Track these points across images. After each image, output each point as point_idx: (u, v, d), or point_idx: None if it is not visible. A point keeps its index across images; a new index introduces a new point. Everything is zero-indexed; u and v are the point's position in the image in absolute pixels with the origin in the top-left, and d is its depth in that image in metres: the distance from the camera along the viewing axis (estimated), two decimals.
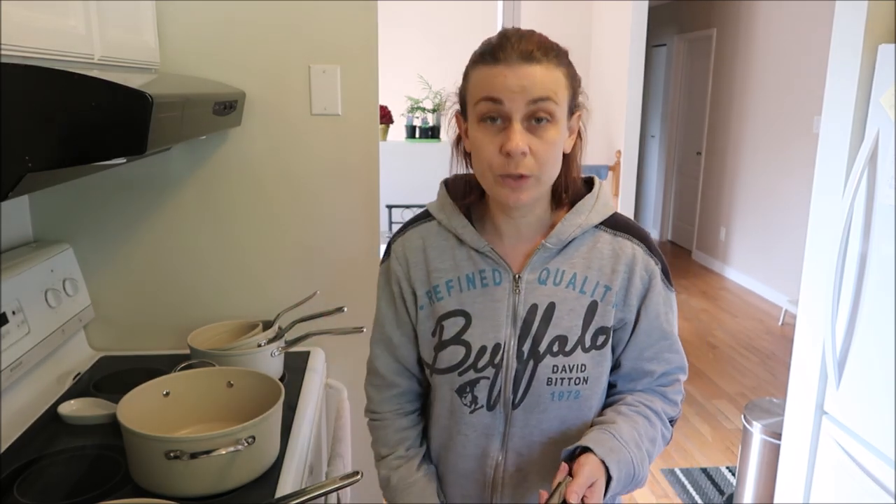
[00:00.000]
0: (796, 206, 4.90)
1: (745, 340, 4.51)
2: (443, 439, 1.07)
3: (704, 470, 2.95)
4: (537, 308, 0.98)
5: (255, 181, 1.74)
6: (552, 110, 0.88)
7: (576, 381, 0.98)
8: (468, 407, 1.01)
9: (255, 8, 1.65)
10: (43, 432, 1.33)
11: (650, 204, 7.82)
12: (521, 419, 1.00)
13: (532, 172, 0.89)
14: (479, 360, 0.99)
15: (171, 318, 1.78)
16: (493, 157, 0.89)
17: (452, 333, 1.00)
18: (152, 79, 1.15)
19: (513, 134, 0.86)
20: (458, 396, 1.01)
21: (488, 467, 1.03)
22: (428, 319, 1.03)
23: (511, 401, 0.99)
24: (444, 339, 1.01)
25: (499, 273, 0.99)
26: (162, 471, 1.08)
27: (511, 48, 0.87)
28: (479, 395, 1.00)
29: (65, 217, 1.69)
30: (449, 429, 1.05)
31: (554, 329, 0.98)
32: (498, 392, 1.00)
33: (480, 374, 0.99)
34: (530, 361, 0.98)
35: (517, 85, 0.86)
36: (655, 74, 7.63)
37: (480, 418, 1.01)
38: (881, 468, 1.81)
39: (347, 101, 1.73)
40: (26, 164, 0.75)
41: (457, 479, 1.06)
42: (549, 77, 0.88)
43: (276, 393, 1.24)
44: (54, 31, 1.03)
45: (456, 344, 1.00)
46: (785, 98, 5.07)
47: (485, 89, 0.88)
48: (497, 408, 1.00)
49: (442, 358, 1.01)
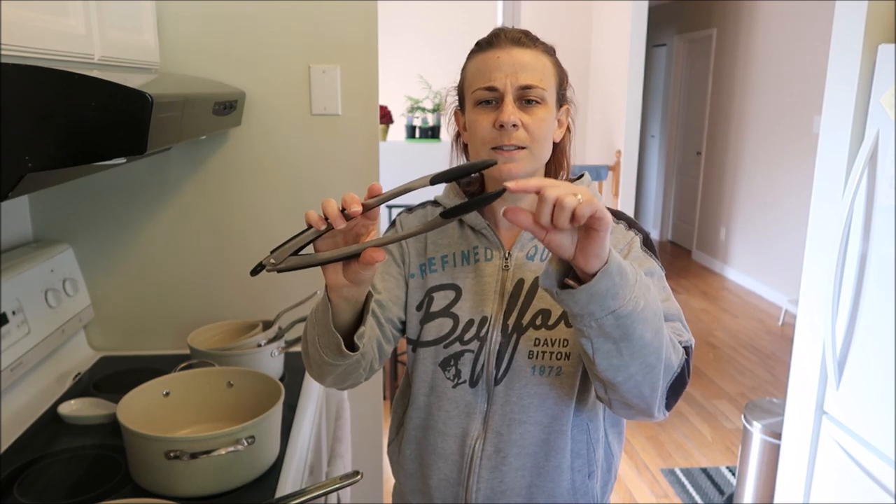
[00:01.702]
0: (796, 206, 4.90)
1: (745, 340, 4.51)
2: (421, 419, 1.07)
3: (704, 470, 2.95)
4: (523, 283, 1.01)
5: (255, 181, 1.74)
6: (541, 94, 0.95)
7: (557, 355, 0.99)
8: (451, 381, 1.02)
9: (255, 8, 1.65)
10: (43, 432, 1.33)
11: (650, 204, 7.82)
12: (503, 395, 1.00)
13: (524, 143, 0.94)
14: (466, 332, 1.01)
15: (171, 318, 1.78)
16: (486, 132, 0.95)
17: (442, 306, 1.03)
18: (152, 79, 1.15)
19: (505, 107, 0.93)
20: (440, 370, 1.03)
21: (467, 447, 1.03)
22: (416, 291, 1.06)
23: (494, 376, 1.00)
24: (431, 311, 1.04)
25: (490, 251, 1.04)
26: (162, 471, 1.08)
27: (504, 36, 0.97)
28: (462, 370, 1.02)
29: (65, 217, 1.69)
30: (429, 406, 1.05)
31: (538, 303, 1.00)
32: (482, 367, 1.01)
33: (465, 346, 1.01)
34: (514, 335, 1.00)
35: (509, 64, 0.94)
36: (655, 74, 7.64)
37: (462, 394, 1.02)
38: (881, 468, 1.81)
39: (347, 101, 1.73)
40: (26, 164, 0.75)
41: (435, 460, 1.05)
42: (539, 62, 0.96)
43: (276, 393, 1.24)
44: (54, 31, 1.03)
45: (444, 316, 1.03)
46: (785, 98, 5.07)
47: (479, 74, 0.96)
48: (479, 384, 1.01)
49: (428, 329, 1.03)
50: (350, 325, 0.90)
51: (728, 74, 5.96)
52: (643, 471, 2.94)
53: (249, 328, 1.66)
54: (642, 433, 3.25)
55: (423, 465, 1.07)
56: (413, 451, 1.09)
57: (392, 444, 1.14)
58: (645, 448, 3.12)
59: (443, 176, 0.77)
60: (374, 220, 0.81)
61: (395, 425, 1.14)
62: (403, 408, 1.12)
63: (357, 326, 0.90)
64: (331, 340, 0.88)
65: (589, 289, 0.73)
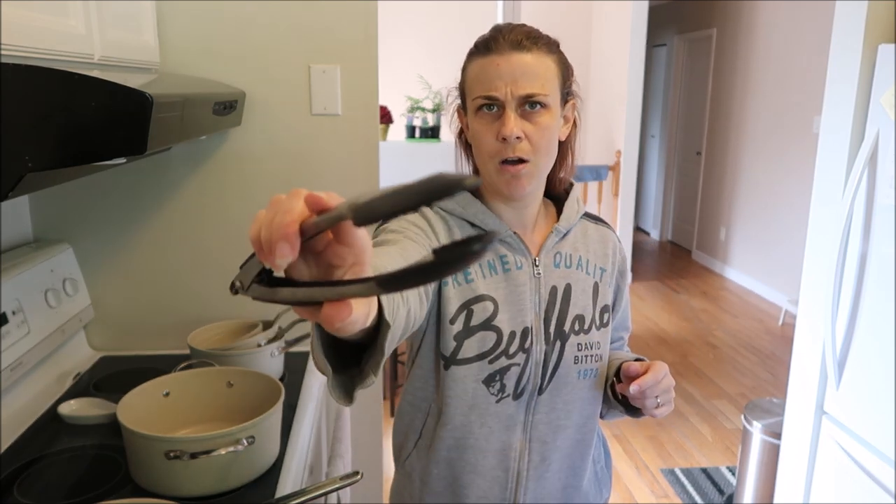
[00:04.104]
0: (796, 206, 4.90)
1: (745, 340, 4.51)
2: (456, 438, 1.01)
3: (704, 470, 2.95)
4: (556, 290, 1.01)
5: (255, 181, 1.74)
6: (544, 99, 0.93)
7: (595, 358, 1.02)
8: (495, 396, 0.99)
9: (255, 8, 1.65)
10: (43, 432, 1.33)
11: (650, 204, 7.82)
12: (547, 404, 1.01)
13: (528, 156, 0.93)
14: (511, 345, 0.98)
15: (171, 318, 1.78)
16: (490, 145, 0.94)
17: (482, 319, 0.97)
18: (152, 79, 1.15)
19: (507, 120, 0.92)
20: (484, 386, 0.99)
21: (511, 460, 1.02)
22: (451, 301, 0.97)
23: (539, 386, 1.00)
24: (472, 325, 0.97)
25: (518, 258, 1.01)
26: (162, 471, 1.08)
27: (502, 38, 0.93)
28: (507, 384, 0.99)
29: (65, 217, 1.69)
30: (468, 425, 1.00)
31: (574, 308, 1.01)
32: (527, 379, 1.00)
33: (512, 360, 0.98)
34: (557, 342, 1.00)
35: (509, 73, 0.91)
36: (655, 74, 7.64)
37: (505, 408, 1.00)
38: (881, 468, 1.81)
39: (347, 101, 1.73)
40: (26, 164, 0.75)
41: (474, 479, 1.02)
42: (540, 64, 0.93)
43: (276, 393, 1.24)
44: (54, 31, 1.03)
45: (486, 330, 0.97)
46: (785, 98, 5.07)
47: (479, 82, 0.94)
48: (523, 396, 1.00)
49: (470, 346, 0.97)
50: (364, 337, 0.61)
51: (728, 74, 5.96)
52: (643, 471, 2.94)
53: (249, 328, 1.66)
54: (642, 433, 3.25)
55: (457, 485, 1.03)
56: (443, 472, 1.04)
57: (410, 458, 1.08)
58: (645, 448, 3.12)
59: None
60: (352, 247, 0.46)
61: (410, 440, 1.08)
62: (422, 422, 1.05)
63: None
64: (335, 385, 0.64)
65: None
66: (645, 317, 4.93)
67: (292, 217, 0.43)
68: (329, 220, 0.43)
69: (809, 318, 2.10)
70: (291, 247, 0.43)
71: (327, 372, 0.62)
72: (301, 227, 0.43)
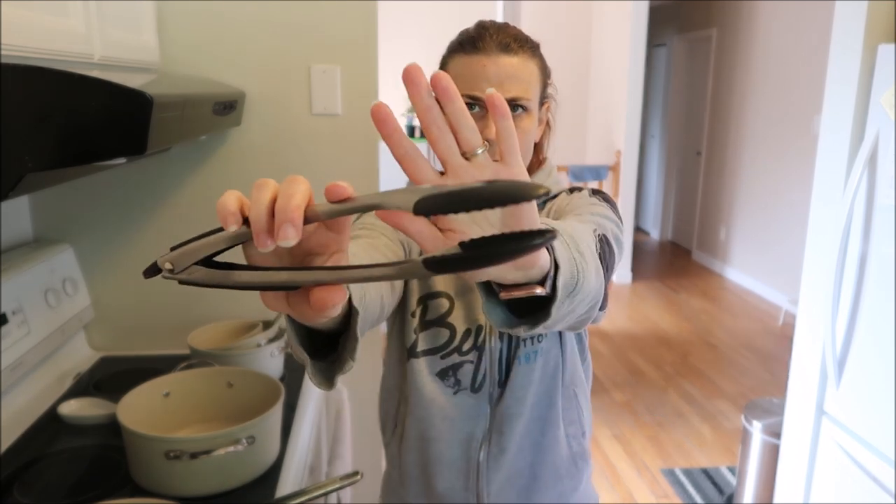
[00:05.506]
0: (796, 206, 4.90)
1: (745, 340, 4.51)
2: (422, 430, 1.05)
3: (704, 470, 2.95)
4: None
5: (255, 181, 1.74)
6: (527, 102, 0.92)
7: (536, 338, 0.99)
8: (451, 389, 1.01)
9: (255, 8, 1.65)
10: (43, 432, 1.33)
11: (650, 204, 7.82)
12: (501, 395, 1.01)
13: None
14: (464, 342, 1.00)
15: (171, 318, 1.78)
16: None
17: (437, 315, 1.00)
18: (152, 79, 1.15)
19: (490, 123, 0.89)
20: (439, 380, 1.01)
21: (472, 450, 1.03)
22: (413, 294, 1.01)
23: (498, 380, 1.01)
24: (427, 320, 1.00)
25: None
26: (162, 471, 1.08)
27: (490, 38, 0.91)
28: (462, 379, 1.01)
29: (65, 217, 1.69)
30: (429, 418, 1.03)
31: None
32: (483, 375, 1.00)
33: (465, 356, 1.00)
34: (513, 338, 1.00)
35: (495, 74, 0.90)
36: (655, 74, 7.64)
37: (465, 400, 1.01)
38: (881, 468, 1.81)
39: (347, 101, 1.73)
40: (26, 164, 0.75)
41: (441, 469, 1.05)
42: (525, 68, 0.92)
43: (276, 393, 1.24)
44: (54, 31, 1.03)
45: (440, 326, 1.00)
46: (785, 98, 5.07)
47: (463, 80, 0.91)
48: (482, 390, 1.01)
49: (424, 340, 1.01)
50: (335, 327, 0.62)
51: (728, 74, 5.96)
52: (643, 471, 2.94)
53: (249, 328, 1.66)
54: (642, 433, 3.25)
55: (427, 475, 1.07)
56: (415, 459, 1.07)
57: (390, 445, 1.13)
58: (645, 448, 3.12)
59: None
60: (342, 235, 0.48)
61: (388, 427, 1.12)
62: (395, 408, 1.09)
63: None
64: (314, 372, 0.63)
65: (557, 310, 0.60)
66: (645, 317, 4.93)
67: (297, 202, 0.45)
68: (359, 209, 0.45)
69: (809, 318, 2.11)
70: (297, 230, 0.44)
71: (305, 360, 0.62)
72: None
